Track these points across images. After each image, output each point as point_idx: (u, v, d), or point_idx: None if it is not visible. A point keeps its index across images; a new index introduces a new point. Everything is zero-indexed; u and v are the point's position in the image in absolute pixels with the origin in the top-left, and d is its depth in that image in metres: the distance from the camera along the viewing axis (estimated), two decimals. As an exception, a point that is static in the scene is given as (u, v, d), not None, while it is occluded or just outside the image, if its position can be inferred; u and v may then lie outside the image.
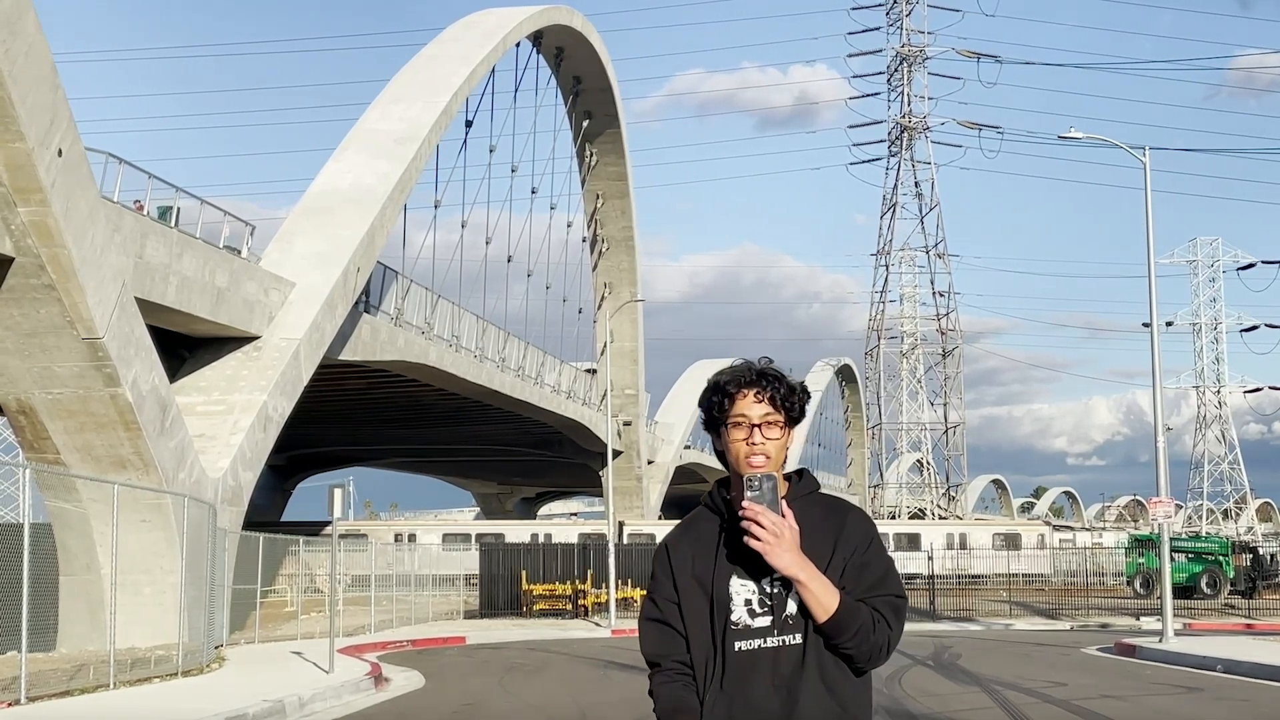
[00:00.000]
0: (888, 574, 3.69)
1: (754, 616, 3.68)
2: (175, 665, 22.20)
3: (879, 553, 3.72)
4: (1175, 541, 49.13)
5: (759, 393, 3.73)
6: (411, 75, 49.49)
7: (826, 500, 3.83)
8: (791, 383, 3.77)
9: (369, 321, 44.42)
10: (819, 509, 3.77)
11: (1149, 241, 32.46)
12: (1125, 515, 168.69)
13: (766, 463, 3.69)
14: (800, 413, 3.78)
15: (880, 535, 3.79)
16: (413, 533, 70.79)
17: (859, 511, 3.82)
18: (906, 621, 3.86)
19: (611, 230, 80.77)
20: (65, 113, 23.42)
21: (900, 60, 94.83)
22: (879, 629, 3.60)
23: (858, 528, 3.74)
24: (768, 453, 3.70)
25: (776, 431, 3.72)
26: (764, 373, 3.77)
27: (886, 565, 3.71)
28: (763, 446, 3.70)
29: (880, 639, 3.60)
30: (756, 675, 3.64)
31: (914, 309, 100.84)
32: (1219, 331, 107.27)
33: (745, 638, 3.67)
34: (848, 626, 3.57)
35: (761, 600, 3.68)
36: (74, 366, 25.31)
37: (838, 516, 3.76)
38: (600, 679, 24.05)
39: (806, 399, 3.82)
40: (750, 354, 3.90)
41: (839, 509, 3.80)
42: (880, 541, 3.76)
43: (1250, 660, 23.82)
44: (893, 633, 3.63)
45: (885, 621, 3.62)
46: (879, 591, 3.65)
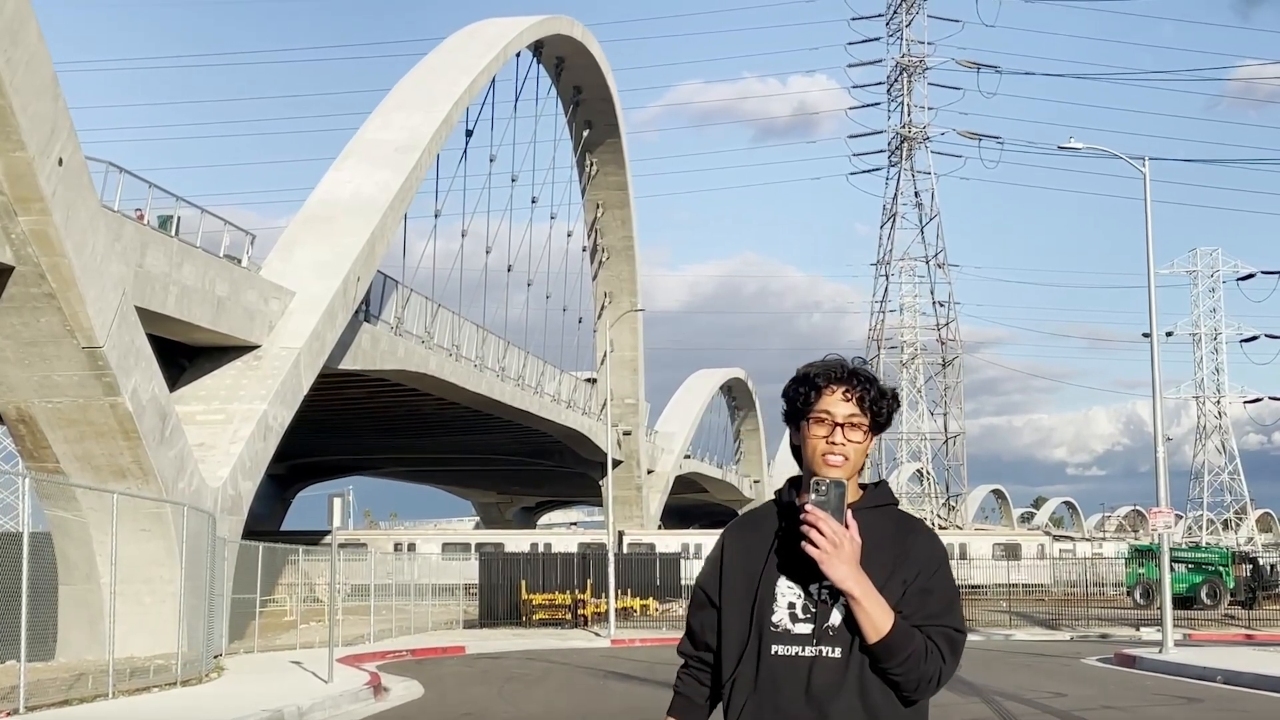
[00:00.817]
0: (951, 605, 3.50)
1: (795, 622, 3.51)
2: (174, 675, 22.17)
3: (945, 581, 3.52)
4: (1175, 552, 49.09)
5: (848, 391, 3.55)
6: (412, 85, 49.53)
7: (899, 516, 3.63)
8: (883, 387, 3.58)
9: (369, 330, 44.42)
10: (890, 524, 3.57)
11: (1149, 252, 32.48)
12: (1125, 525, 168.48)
13: (844, 464, 3.51)
14: (887, 419, 3.59)
15: (949, 566, 3.58)
16: (412, 542, 70.78)
17: (930, 534, 3.62)
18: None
19: (612, 240, 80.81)
20: (66, 122, 23.45)
21: (900, 70, 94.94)
22: (930, 659, 3.40)
23: (925, 550, 3.54)
24: (847, 454, 3.52)
25: (859, 435, 3.53)
26: (856, 372, 3.59)
27: (951, 596, 3.51)
28: (843, 448, 3.52)
29: (930, 670, 3.40)
30: (790, 683, 3.46)
31: (914, 319, 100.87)
32: (1219, 342, 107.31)
33: (783, 642, 3.50)
34: (899, 651, 3.38)
35: (806, 607, 3.51)
36: (74, 375, 25.32)
37: (906, 535, 3.56)
38: (600, 689, 24.03)
39: (896, 406, 3.62)
40: (750, 364, 3.90)
41: (909, 527, 3.60)
42: (948, 569, 3.56)
43: (1251, 671, 23.79)
44: (945, 666, 3.43)
45: (939, 653, 3.42)
46: (938, 621, 3.45)
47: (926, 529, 3.64)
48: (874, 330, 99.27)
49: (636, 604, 49.16)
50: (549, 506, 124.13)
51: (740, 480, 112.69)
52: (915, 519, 3.69)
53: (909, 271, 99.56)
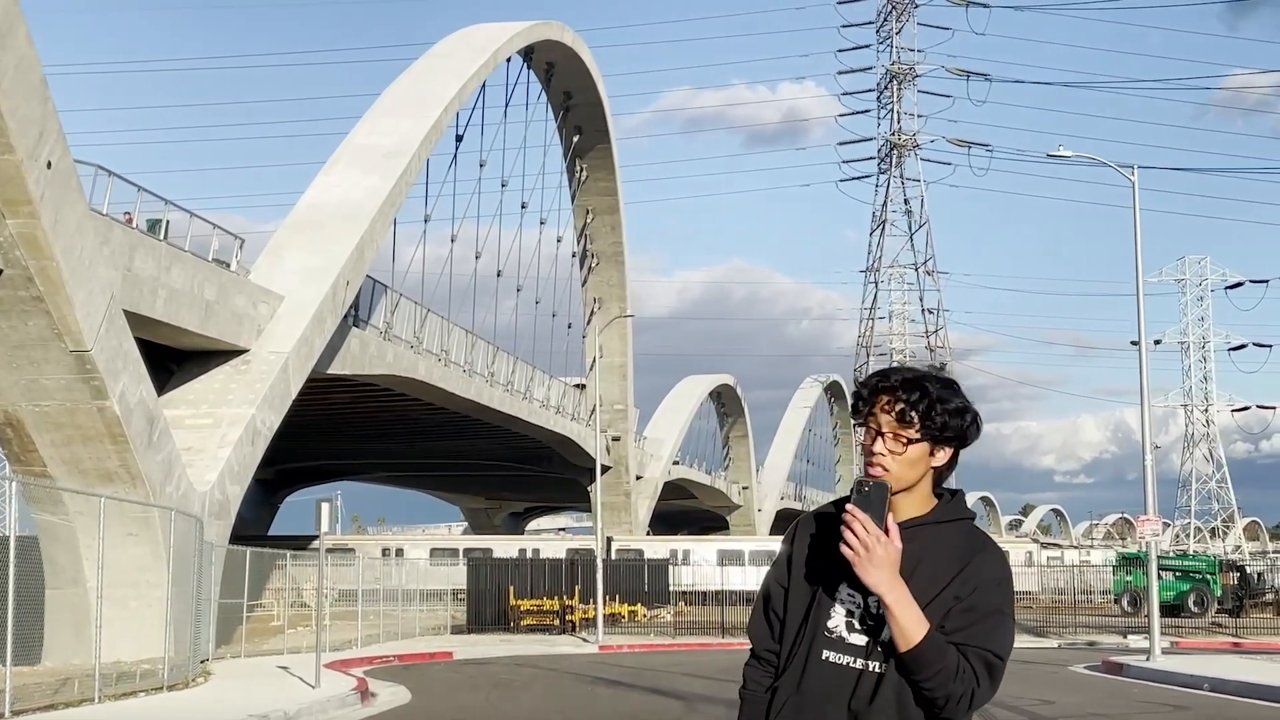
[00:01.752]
0: (996, 629, 3.34)
1: (852, 631, 3.44)
2: (161, 679, 22.11)
3: (994, 603, 3.37)
4: (1163, 560, 49.17)
5: (891, 400, 3.44)
6: (402, 90, 49.51)
7: (969, 532, 3.50)
8: (937, 396, 3.42)
9: (358, 335, 44.37)
10: (959, 539, 3.46)
11: (1137, 260, 32.56)
12: (1113, 533, 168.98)
13: (884, 475, 3.42)
14: (942, 429, 3.42)
15: (1010, 590, 3.43)
16: (400, 547, 70.64)
17: (995, 554, 3.46)
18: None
19: (601, 245, 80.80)
20: (55, 125, 23.41)
21: (890, 78, 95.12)
22: (962, 678, 3.28)
23: (984, 569, 3.40)
24: (885, 465, 3.42)
25: (901, 446, 3.42)
26: (910, 379, 3.46)
27: (997, 620, 3.35)
28: (881, 458, 3.43)
29: (961, 689, 3.28)
30: (835, 693, 3.41)
31: (903, 326, 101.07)
32: (1207, 350, 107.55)
33: (836, 649, 3.43)
34: (929, 664, 3.28)
35: (864, 617, 3.44)
36: (62, 379, 25.26)
37: (968, 552, 3.43)
38: (587, 695, 24.01)
39: (959, 419, 3.44)
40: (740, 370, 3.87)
41: (975, 545, 3.46)
42: (1004, 592, 3.40)
43: (1237, 679, 23.84)
44: (979, 689, 3.30)
45: (973, 673, 3.29)
46: (976, 642, 3.31)
47: (992, 550, 3.49)
48: (863, 337, 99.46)
49: (625, 610, 49.13)
50: (537, 512, 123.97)
51: (729, 487, 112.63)
52: (985, 537, 3.56)
53: (898, 278, 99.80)
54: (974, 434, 3.49)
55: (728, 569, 62.19)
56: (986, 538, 3.54)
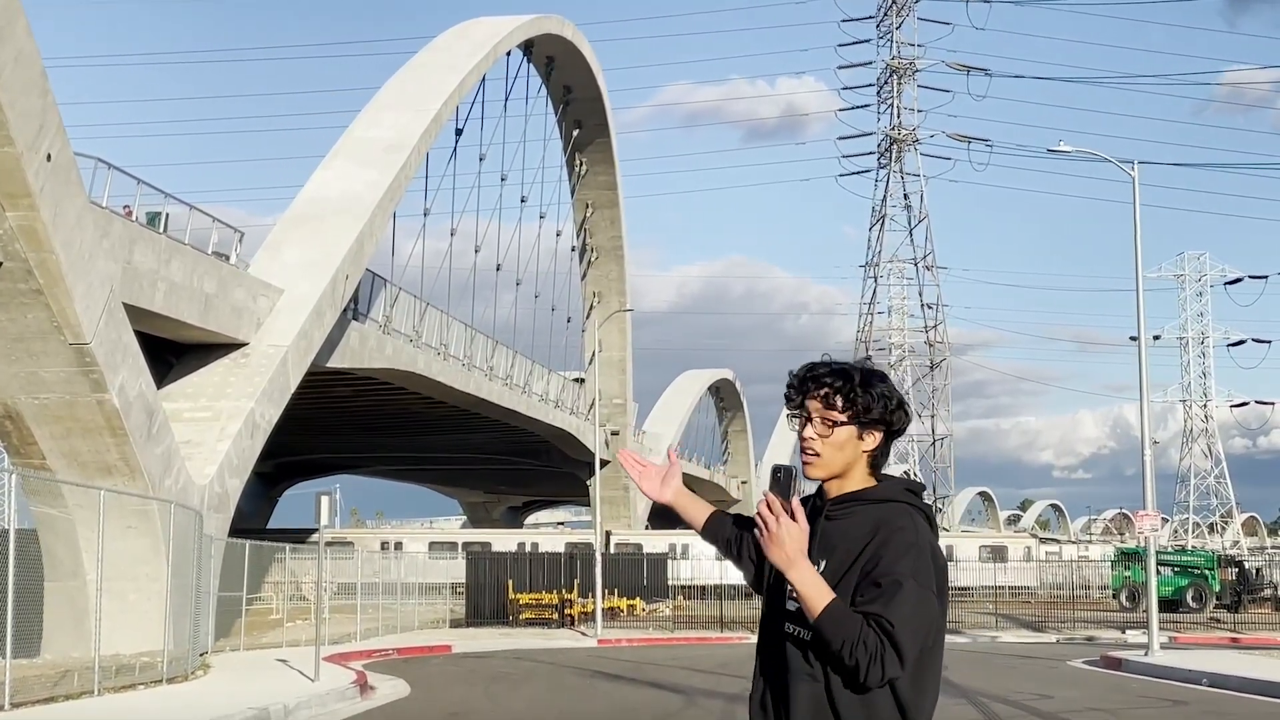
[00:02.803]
0: (894, 597, 3.43)
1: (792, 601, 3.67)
2: (160, 672, 22.12)
3: (895, 572, 3.48)
4: (1161, 555, 49.20)
5: (816, 388, 3.72)
6: (402, 83, 49.47)
7: (893, 509, 3.66)
8: (858, 379, 3.67)
9: (357, 329, 44.36)
10: (881, 515, 3.63)
11: (1137, 255, 32.55)
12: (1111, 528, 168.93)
13: (816, 459, 3.69)
14: (866, 411, 3.65)
15: (918, 558, 3.53)
16: (399, 541, 70.66)
17: (905, 528, 3.59)
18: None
19: (601, 240, 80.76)
20: (55, 118, 23.39)
21: (890, 73, 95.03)
22: (864, 646, 3.39)
23: (891, 539, 3.54)
24: (817, 449, 3.70)
25: (827, 428, 3.68)
26: (832, 368, 3.73)
27: (895, 589, 3.45)
28: (811, 441, 3.71)
29: (864, 657, 3.39)
30: (792, 660, 3.65)
31: (902, 321, 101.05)
32: (1206, 346, 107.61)
33: (794, 621, 3.66)
34: (830, 634, 3.43)
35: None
36: (61, 372, 25.25)
37: (881, 526, 3.59)
38: (586, 688, 24.02)
39: (881, 400, 3.67)
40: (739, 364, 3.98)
41: (890, 519, 3.61)
42: (910, 562, 3.50)
43: (1236, 674, 23.87)
44: (884, 655, 3.39)
45: (876, 641, 3.39)
46: (875, 610, 3.43)
47: (906, 523, 3.61)
48: (862, 332, 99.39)
49: (623, 604, 49.14)
50: (536, 506, 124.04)
51: (728, 481, 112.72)
52: (905, 512, 3.66)
53: (897, 273, 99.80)
54: (900, 418, 3.71)
55: (727, 563, 61.83)
56: (907, 513, 3.65)
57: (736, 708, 19.97)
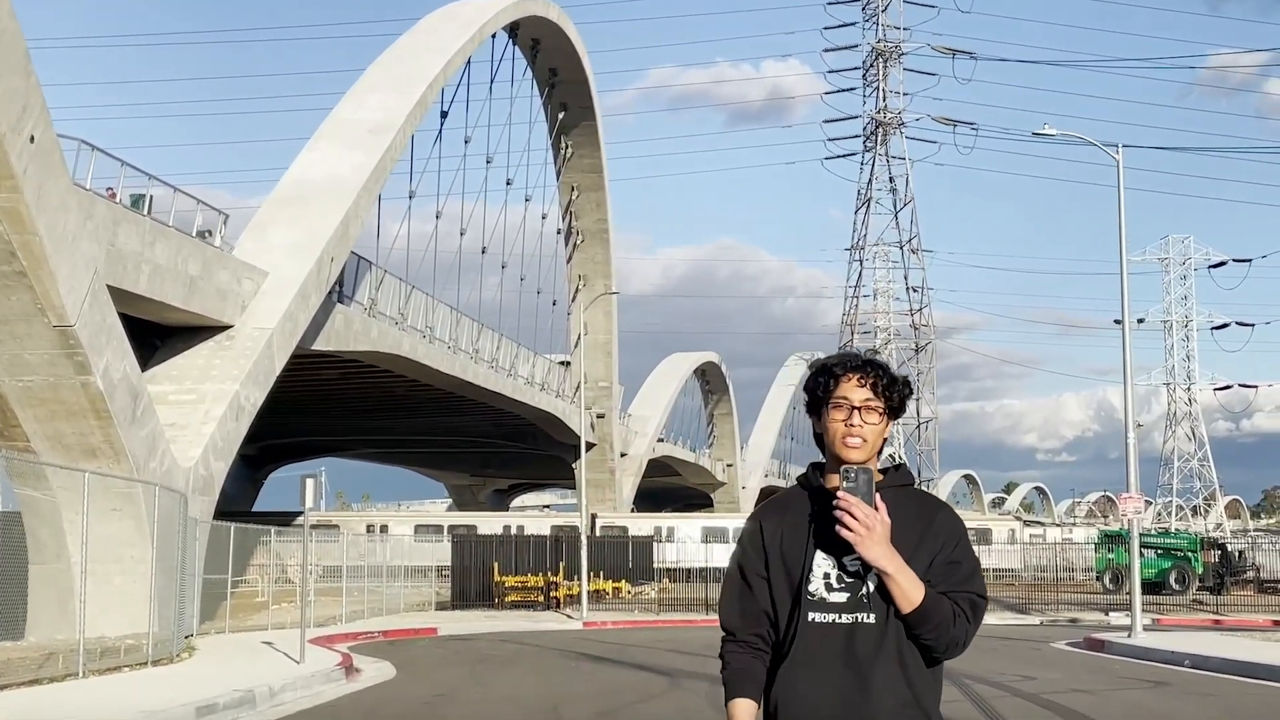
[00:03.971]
0: (974, 573, 3.80)
1: (830, 591, 3.78)
2: (145, 655, 22.12)
3: (967, 551, 3.82)
4: (1144, 537, 49.38)
5: (862, 378, 3.82)
6: (387, 65, 49.32)
7: (919, 495, 3.92)
8: (895, 374, 3.89)
9: (342, 311, 44.29)
10: (912, 502, 3.85)
11: (1121, 239, 32.62)
12: (1095, 511, 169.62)
13: (862, 445, 3.79)
14: (900, 404, 3.87)
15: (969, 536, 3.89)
16: (385, 524, 70.68)
17: (949, 510, 3.92)
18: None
19: (586, 222, 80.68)
20: (38, 99, 23.28)
21: (876, 56, 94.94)
22: (958, 623, 3.71)
23: (947, 525, 3.83)
24: (864, 436, 3.80)
25: (875, 418, 3.82)
26: (871, 360, 3.88)
27: (974, 565, 3.81)
28: (860, 430, 3.79)
29: (959, 633, 3.71)
30: (829, 651, 3.74)
31: (887, 304, 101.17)
32: (1190, 329, 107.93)
33: (820, 610, 3.77)
34: (931, 618, 3.68)
35: (840, 577, 3.78)
36: (45, 354, 25.18)
37: (928, 512, 3.85)
38: (571, 670, 24.07)
39: (909, 393, 3.91)
40: (724, 348, 4.02)
41: (930, 505, 3.90)
42: (968, 541, 3.86)
43: (1218, 655, 23.99)
44: (970, 627, 3.74)
45: (965, 616, 3.72)
46: (963, 588, 3.75)
47: (946, 506, 3.94)
48: (848, 315, 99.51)
49: (609, 587, 49.24)
50: (522, 489, 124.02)
51: (713, 464, 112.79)
52: (935, 497, 4.02)
53: (883, 257, 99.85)
54: (905, 408, 3.95)
55: (712, 546, 62.25)
56: (936, 498, 4.01)
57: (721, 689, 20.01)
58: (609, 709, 17.93)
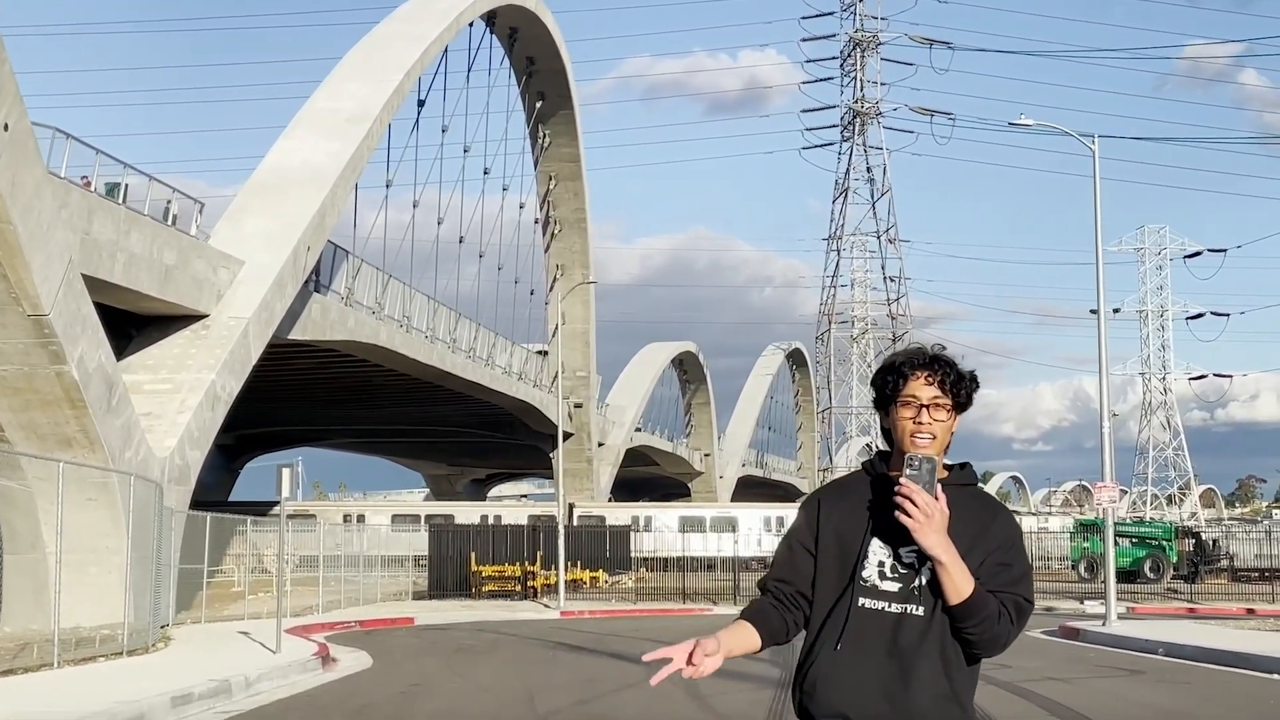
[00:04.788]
0: (1023, 577, 3.89)
1: (883, 579, 3.86)
2: (121, 645, 22.05)
3: (1020, 556, 3.93)
4: (1119, 526, 49.62)
5: (930, 375, 3.89)
6: (364, 54, 49.17)
7: (981, 495, 4.02)
8: (962, 370, 3.94)
9: (319, 301, 44.18)
10: (973, 501, 3.94)
11: (1097, 229, 32.71)
12: (1071, 500, 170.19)
13: (931, 443, 3.86)
14: (967, 400, 3.94)
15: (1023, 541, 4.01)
16: (362, 513, 70.53)
17: (1009, 514, 4.02)
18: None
19: (564, 212, 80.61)
20: (11, 87, 23.14)
21: (853, 45, 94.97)
22: (1002, 621, 3.78)
23: (1004, 528, 3.93)
24: (933, 433, 3.87)
25: (943, 414, 3.89)
26: (937, 357, 3.94)
27: (1024, 569, 3.91)
28: (929, 426, 3.87)
29: (1002, 631, 3.79)
30: (874, 637, 3.82)
31: (865, 294, 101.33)
32: (1165, 319, 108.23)
33: (870, 596, 3.85)
34: (976, 613, 3.75)
35: (894, 566, 3.86)
36: (19, 343, 25.04)
37: (988, 513, 3.94)
38: (548, 660, 24.08)
39: (975, 388, 3.96)
40: (702, 337, 4.04)
41: (991, 507, 3.99)
42: (1023, 546, 3.99)
43: (1192, 644, 24.13)
44: (1014, 628, 3.82)
45: (1009, 617, 3.80)
46: (1011, 590, 3.83)
47: (1005, 510, 4.03)
48: (825, 305, 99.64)
49: (586, 576, 49.26)
50: (499, 479, 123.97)
51: (691, 454, 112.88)
52: (996, 500, 4.10)
53: (860, 247, 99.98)
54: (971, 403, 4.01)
55: (689, 535, 62.37)
56: (997, 501, 4.10)
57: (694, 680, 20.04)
58: (586, 698, 17.95)
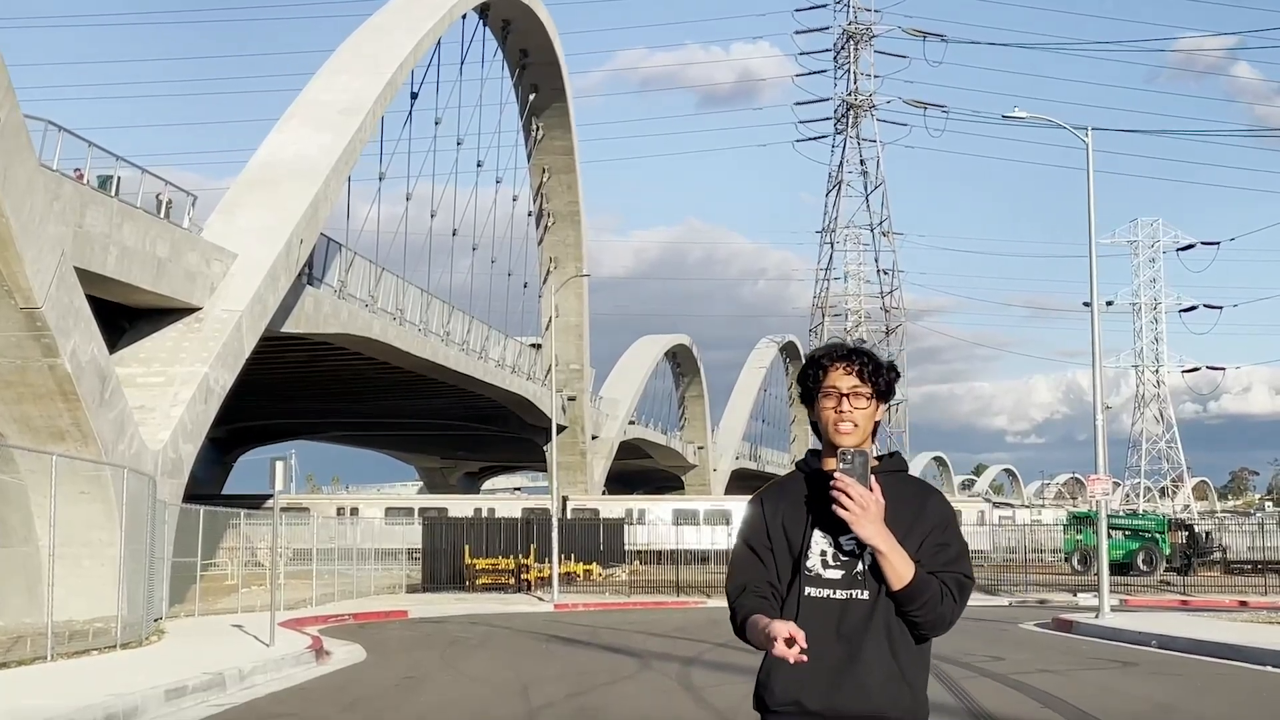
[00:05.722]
0: (961, 555, 4.02)
1: (826, 568, 3.99)
2: (114, 638, 22.04)
3: (956, 535, 4.05)
4: (1113, 519, 49.70)
5: (848, 365, 4.06)
6: (356, 46, 49.08)
7: (913, 480, 4.15)
8: (880, 360, 4.13)
9: (312, 294, 44.13)
10: (905, 486, 4.08)
11: (1090, 221, 32.75)
12: (1064, 493, 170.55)
13: (854, 430, 4.01)
14: (888, 388, 4.11)
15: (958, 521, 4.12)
16: (355, 506, 70.54)
17: (941, 496, 4.16)
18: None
19: (558, 205, 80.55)
20: (3, 80, 23.08)
21: (847, 38, 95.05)
22: (945, 601, 3.91)
23: (938, 510, 4.06)
24: (855, 420, 4.02)
25: (864, 402, 4.05)
26: (855, 349, 4.13)
27: (961, 548, 4.03)
28: (850, 415, 4.02)
29: (945, 610, 3.92)
30: (822, 624, 3.92)
31: (858, 287, 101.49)
32: (1158, 311, 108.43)
33: (816, 585, 3.98)
34: (919, 595, 3.87)
35: (836, 555, 3.99)
36: (11, 336, 25.00)
37: (921, 496, 4.08)
38: (542, 653, 24.10)
39: (895, 376, 4.16)
40: (696, 330, 4.09)
41: (923, 491, 4.13)
42: (957, 525, 4.09)
43: (1184, 636, 24.16)
44: (957, 606, 3.96)
45: (951, 595, 3.93)
46: (951, 569, 3.96)
47: (938, 492, 4.18)
48: (818, 298, 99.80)
49: (580, 569, 49.27)
50: (493, 472, 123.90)
51: (684, 447, 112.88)
52: (926, 483, 4.25)
53: (854, 239, 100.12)
54: (893, 391, 4.20)
55: (683, 528, 62.37)
56: (928, 484, 4.23)
57: (691, 670, 20.09)
58: (579, 690, 17.96)
